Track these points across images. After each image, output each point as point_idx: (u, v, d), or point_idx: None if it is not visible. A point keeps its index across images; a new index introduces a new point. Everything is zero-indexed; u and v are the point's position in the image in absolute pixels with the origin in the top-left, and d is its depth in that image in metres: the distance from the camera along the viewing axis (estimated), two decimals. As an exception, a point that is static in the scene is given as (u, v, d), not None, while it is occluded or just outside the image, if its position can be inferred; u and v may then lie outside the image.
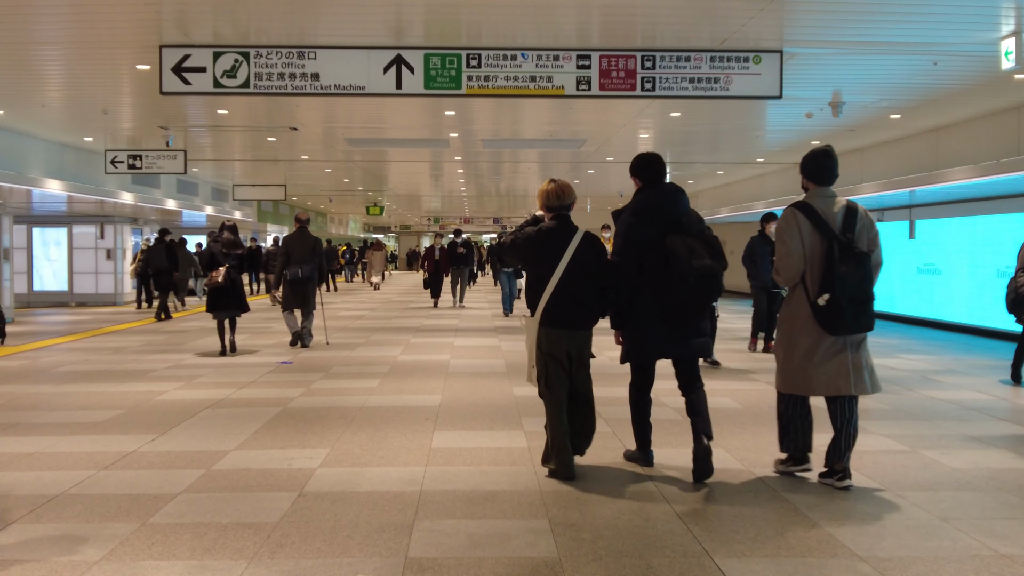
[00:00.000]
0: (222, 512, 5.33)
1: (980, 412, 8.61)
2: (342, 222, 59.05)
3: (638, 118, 15.76)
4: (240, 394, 9.48)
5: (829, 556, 4.63)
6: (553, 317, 6.07)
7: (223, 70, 10.17)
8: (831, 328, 5.78)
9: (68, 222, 24.31)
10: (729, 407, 8.83)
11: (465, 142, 19.44)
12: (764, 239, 13.01)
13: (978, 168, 13.45)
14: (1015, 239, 12.87)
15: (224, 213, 28.64)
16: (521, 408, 8.68)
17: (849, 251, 5.75)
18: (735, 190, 28.07)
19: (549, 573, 4.39)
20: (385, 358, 12.44)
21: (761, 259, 12.70)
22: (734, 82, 10.39)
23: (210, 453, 6.82)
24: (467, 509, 5.41)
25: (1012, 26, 9.38)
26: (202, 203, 28.00)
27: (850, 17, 9.43)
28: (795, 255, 5.88)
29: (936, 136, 16.39)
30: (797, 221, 5.90)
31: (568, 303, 6.06)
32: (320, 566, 4.47)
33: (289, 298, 13.62)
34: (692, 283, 5.88)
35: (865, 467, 6.48)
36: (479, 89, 10.31)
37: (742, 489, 5.91)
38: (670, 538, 4.90)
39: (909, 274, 18.93)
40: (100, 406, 8.78)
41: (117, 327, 17.27)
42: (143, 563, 4.50)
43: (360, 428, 7.72)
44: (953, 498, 5.72)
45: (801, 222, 5.89)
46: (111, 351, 13.16)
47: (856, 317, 5.76)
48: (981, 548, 4.74)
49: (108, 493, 5.76)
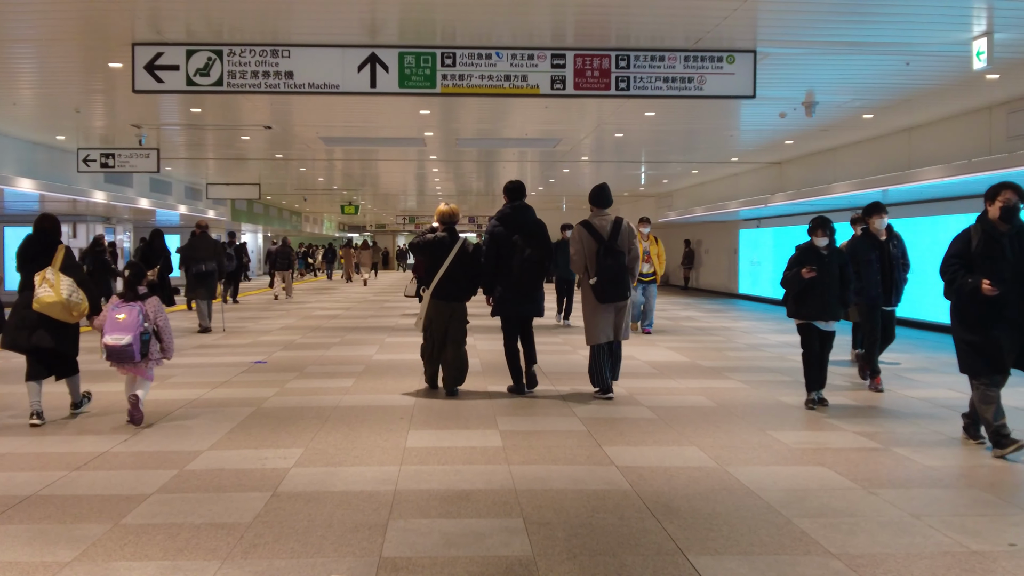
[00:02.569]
0: (195, 512, 5.30)
1: (953, 410, 8.67)
2: (317, 221, 58.87)
3: (613, 117, 15.79)
4: (213, 394, 9.42)
5: (802, 553, 4.65)
6: (440, 292, 9.23)
7: (196, 68, 10.12)
8: (599, 298, 8.94)
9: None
10: (703, 405, 8.86)
11: (440, 141, 19.42)
12: (868, 239, 9.94)
13: (950, 168, 13.55)
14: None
15: (198, 212, 28.54)
16: (496, 407, 8.68)
17: (611, 251, 8.99)
18: (710, 189, 28.18)
19: (523, 572, 4.39)
20: (360, 357, 12.40)
21: (866, 267, 9.72)
22: (708, 82, 10.43)
23: (183, 453, 6.77)
24: (441, 508, 5.40)
25: (984, 27, 9.46)
26: (175, 202, 27.84)
27: (823, 17, 9.49)
28: (578, 256, 9.12)
29: (909, 136, 16.51)
30: (580, 233, 9.17)
31: (450, 284, 9.24)
32: (293, 566, 4.45)
33: (195, 288, 15.87)
34: (527, 267, 9.13)
35: (837, 464, 6.52)
36: (454, 88, 10.30)
37: (716, 487, 5.93)
38: (644, 536, 4.91)
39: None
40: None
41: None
42: (115, 564, 4.47)
43: (334, 428, 7.69)
44: (926, 495, 5.76)
45: (583, 233, 9.14)
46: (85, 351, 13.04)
47: (614, 291, 8.93)
48: (953, 545, 4.78)
49: (80, 494, 5.71)
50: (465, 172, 27.10)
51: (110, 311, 7.65)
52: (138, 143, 17.38)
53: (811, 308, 8.63)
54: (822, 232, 8.67)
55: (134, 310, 7.63)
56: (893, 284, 9.86)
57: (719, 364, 11.87)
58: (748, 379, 10.54)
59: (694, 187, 30.00)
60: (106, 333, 7.54)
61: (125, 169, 17.68)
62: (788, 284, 8.72)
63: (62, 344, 7.90)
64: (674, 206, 30.75)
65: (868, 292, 9.76)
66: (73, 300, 7.64)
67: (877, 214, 9.88)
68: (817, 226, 8.71)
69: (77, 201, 20.37)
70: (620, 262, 8.98)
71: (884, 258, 9.81)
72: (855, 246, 9.94)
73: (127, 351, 7.50)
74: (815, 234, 8.70)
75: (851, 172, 18.29)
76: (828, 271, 8.55)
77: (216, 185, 27.81)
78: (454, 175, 28.19)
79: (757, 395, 9.51)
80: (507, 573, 4.37)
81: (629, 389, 9.73)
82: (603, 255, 8.92)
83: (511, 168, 25.50)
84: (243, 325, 17.34)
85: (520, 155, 22.62)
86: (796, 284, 8.61)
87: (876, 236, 9.89)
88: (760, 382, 10.32)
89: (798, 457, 6.77)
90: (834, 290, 8.59)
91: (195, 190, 30.04)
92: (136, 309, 7.64)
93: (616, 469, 6.37)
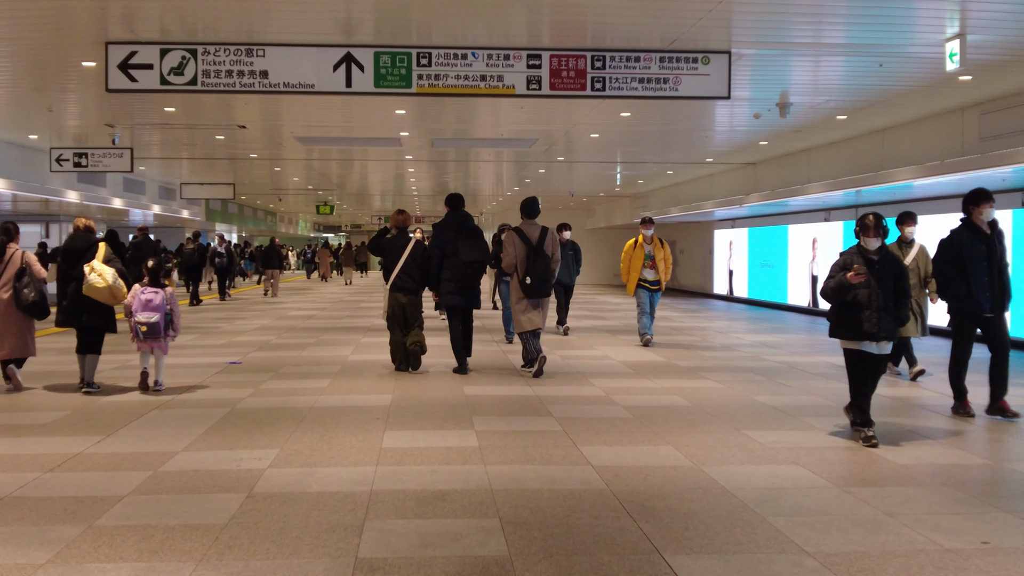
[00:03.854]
0: (169, 514, 5.27)
1: (924, 408, 8.74)
2: (292, 221, 58.65)
3: (588, 118, 15.81)
4: (188, 395, 9.38)
5: (777, 552, 4.68)
6: (396, 286, 10.92)
7: (170, 67, 10.05)
8: (527, 294, 10.74)
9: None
10: (678, 404, 8.90)
11: (416, 141, 19.38)
12: (973, 232, 8.36)
13: (923, 168, 13.64)
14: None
15: (172, 212, 28.36)
16: (472, 407, 8.68)
17: (539, 254, 10.76)
18: (685, 190, 28.24)
19: (500, 572, 4.39)
20: (336, 358, 12.37)
21: (974, 264, 8.16)
22: (683, 82, 10.45)
23: (157, 455, 6.74)
24: (418, 509, 5.40)
25: (956, 28, 9.52)
26: (149, 202, 27.65)
27: (797, 19, 9.53)
28: (510, 257, 10.89)
29: (882, 137, 16.61)
30: (512, 238, 10.95)
31: (404, 278, 10.90)
32: (269, 567, 4.43)
33: None
34: (466, 265, 10.64)
35: (812, 463, 6.56)
36: (429, 88, 10.28)
37: (691, 486, 5.95)
38: (620, 535, 4.92)
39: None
40: (45, 408, 8.64)
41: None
42: (89, 566, 4.44)
43: (310, 428, 7.67)
44: (899, 494, 5.81)
45: (515, 239, 10.91)
46: (56, 352, 12.96)
47: (541, 288, 10.71)
48: (927, 543, 4.82)
49: (54, 495, 5.67)
50: (441, 172, 27.04)
51: (139, 295, 9.22)
52: (111, 142, 17.25)
53: (859, 326, 7.12)
54: (874, 232, 7.26)
55: (160, 295, 9.26)
56: (1002, 286, 8.29)
57: (695, 364, 11.91)
58: (723, 379, 10.59)
59: (669, 188, 30.06)
60: (137, 312, 9.12)
61: (98, 169, 17.55)
62: (830, 295, 7.25)
63: (101, 322, 9.47)
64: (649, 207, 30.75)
65: (974, 297, 8.19)
66: (116, 286, 9.17)
67: (986, 202, 8.31)
68: (869, 226, 7.25)
69: (50, 201, 20.20)
70: (547, 264, 10.78)
71: (991, 255, 8.28)
72: (957, 242, 8.35)
73: (156, 327, 9.16)
74: (866, 234, 7.27)
75: (825, 173, 18.37)
76: (881, 280, 7.14)
77: (190, 185, 27.63)
78: (430, 175, 28.13)
79: (732, 395, 9.55)
80: (484, 573, 4.38)
81: (605, 389, 9.75)
82: (532, 258, 10.71)
83: (487, 168, 25.47)
84: (218, 326, 17.26)
85: (496, 155, 22.59)
86: (842, 294, 7.15)
87: (980, 228, 8.33)
88: (735, 382, 10.37)
89: (773, 456, 6.81)
90: (888, 304, 7.13)
91: (169, 190, 29.84)
92: (161, 295, 9.28)
93: (592, 469, 6.38)
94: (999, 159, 11.83)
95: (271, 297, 27.18)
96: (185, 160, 23.98)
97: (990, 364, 8.35)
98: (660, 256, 14.21)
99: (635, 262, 14.10)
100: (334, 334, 15.73)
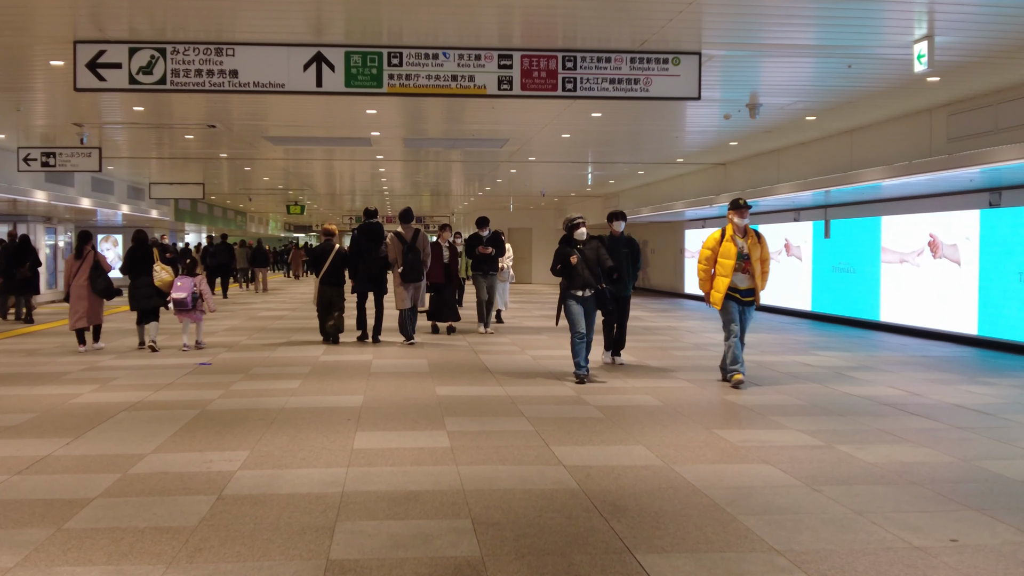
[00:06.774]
0: (139, 516, 5.24)
1: (893, 407, 8.81)
2: (262, 221, 58.35)
3: (560, 118, 15.83)
4: (157, 396, 9.32)
5: (748, 550, 4.70)
6: (325, 280, 14.00)
7: (139, 66, 9.97)
8: (404, 279, 13.60)
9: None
10: (649, 404, 8.93)
11: (387, 141, 19.34)
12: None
13: (891, 169, 13.76)
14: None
15: (140, 212, 28.13)
16: (444, 407, 8.67)
17: (412, 249, 13.57)
18: (656, 190, 28.34)
19: (472, 572, 4.39)
20: (306, 358, 12.33)
21: None
22: (654, 83, 10.48)
23: (126, 457, 6.69)
24: (389, 510, 5.39)
25: (924, 30, 9.61)
26: (118, 201, 27.43)
27: (766, 20, 9.58)
28: (391, 253, 13.80)
29: (851, 137, 16.73)
30: (393, 239, 13.77)
31: (332, 275, 14.05)
32: (240, 569, 4.41)
33: None
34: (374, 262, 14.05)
35: (782, 462, 6.60)
36: (400, 88, 10.26)
37: (662, 485, 5.97)
38: (592, 535, 4.94)
39: (825, 272, 19.31)
40: (13, 410, 8.56)
41: (32, 328, 16.85)
42: (58, 569, 4.41)
43: (281, 430, 7.64)
44: (868, 492, 5.85)
45: (395, 239, 13.74)
46: (23, 353, 12.84)
47: (411, 275, 13.57)
48: (895, 541, 4.86)
49: (22, 498, 5.62)
50: (412, 172, 26.99)
51: (175, 282, 13.09)
52: (80, 142, 17.11)
53: None
54: None
55: (189, 281, 13.13)
56: None
57: (666, 363, 11.95)
58: (694, 378, 10.63)
59: (640, 188, 30.15)
60: (173, 293, 12.95)
61: (67, 168, 17.38)
62: None
63: (160, 301, 13.35)
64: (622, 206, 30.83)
65: None
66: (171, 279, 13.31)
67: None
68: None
69: (17, 201, 20.00)
70: (418, 257, 13.75)
71: None
72: None
73: (184, 301, 12.97)
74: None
75: (795, 173, 18.50)
76: None
77: (159, 184, 27.42)
78: (401, 175, 28.07)
79: (703, 394, 9.59)
80: (455, 574, 4.38)
81: (577, 389, 9.77)
82: (407, 252, 13.70)
83: (459, 168, 25.44)
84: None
85: (468, 155, 22.59)
86: None
87: None
88: (706, 381, 10.41)
89: (743, 455, 6.84)
90: None
91: (138, 189, 29.61)
92: (190, 281, 13.15)
93: (564, 469, 6.39)
94: (967, 159, 11.96)
95: (261, 292, 31.10)
96: (154, 160, 23.80)
97: None
98: (756, 255, 10.17)
99: (724, 261, 10.12)
100: (305, 334, 15.66)
